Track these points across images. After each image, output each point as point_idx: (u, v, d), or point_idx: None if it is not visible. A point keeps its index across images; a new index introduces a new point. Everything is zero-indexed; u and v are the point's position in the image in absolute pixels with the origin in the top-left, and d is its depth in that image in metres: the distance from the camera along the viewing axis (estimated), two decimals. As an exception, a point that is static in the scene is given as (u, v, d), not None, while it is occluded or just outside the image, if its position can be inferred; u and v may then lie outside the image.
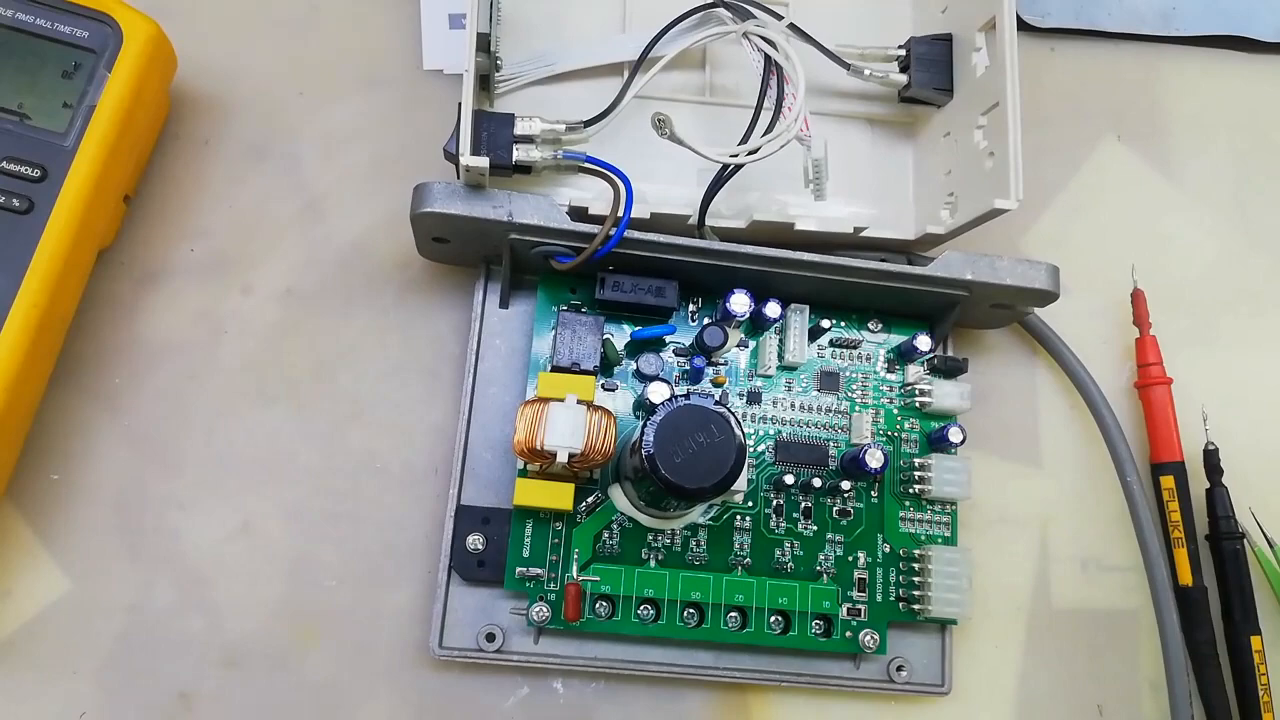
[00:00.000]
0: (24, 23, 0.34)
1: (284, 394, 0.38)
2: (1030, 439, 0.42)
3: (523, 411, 0.32)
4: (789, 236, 0.37)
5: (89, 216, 0.34)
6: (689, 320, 0.38)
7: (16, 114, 0.33)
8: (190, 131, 0.40)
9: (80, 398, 0.37)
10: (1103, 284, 0.43)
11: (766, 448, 0.37)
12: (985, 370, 0.42)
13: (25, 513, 0.36)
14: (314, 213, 0.40)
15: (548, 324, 0.37)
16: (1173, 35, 0.46)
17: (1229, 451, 0.41)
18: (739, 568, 0.36)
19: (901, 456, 0.38)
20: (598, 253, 0.33)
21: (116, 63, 0.34)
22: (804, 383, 0.38)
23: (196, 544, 0.36)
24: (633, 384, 0.37)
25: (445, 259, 0.38)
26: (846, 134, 0.41)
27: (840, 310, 0.38)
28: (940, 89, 0.38)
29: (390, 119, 0.41)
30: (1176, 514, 0.40)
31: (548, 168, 0.35)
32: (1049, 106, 0.45)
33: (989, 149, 0.36)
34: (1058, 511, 0.41)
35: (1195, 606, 0.39)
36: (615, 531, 0.36)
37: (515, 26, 0.39)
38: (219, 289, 0.39)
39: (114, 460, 0.36)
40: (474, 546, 0.35)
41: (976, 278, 0.35)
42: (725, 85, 0.40)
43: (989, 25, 0.36)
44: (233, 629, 0.35)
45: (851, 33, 0.40)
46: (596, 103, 0.36)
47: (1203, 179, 0.46)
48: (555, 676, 0.37)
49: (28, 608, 0.35)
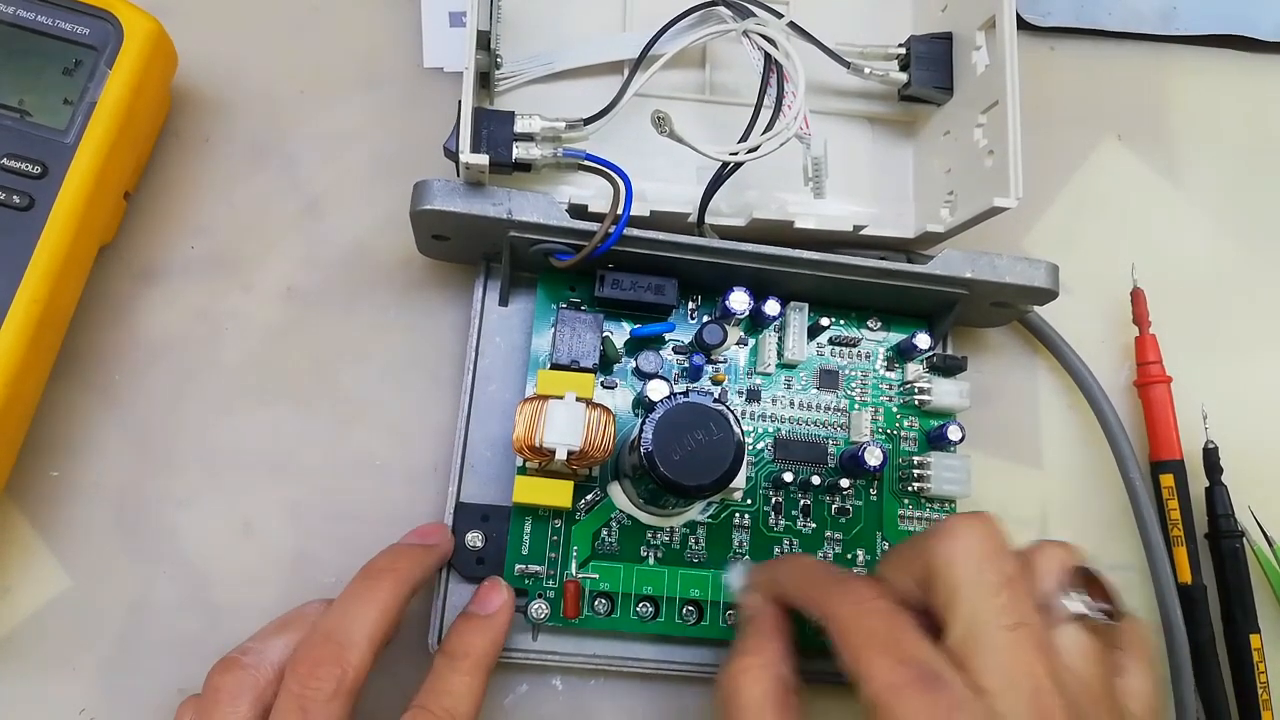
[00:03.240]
0: (25, 20, 0.34)
1: (284, 392, 0.38)
2: (1030, 437, 0.42)
3: (522, 409, 0.32)
4: (788, 234, 0.37)
5: (89, 213, 0.34)
6: (688, 318, 0.38)
7: (17, 111, 0.34)
8: (191, 129, 0.40)
9: (80, 394, 0.37)
10: (1103, 283, 0.43)
11: (766, 445, 0.37)
12: (985, 368, 0.42)
13: (25, 509, 0.36)
14: (314, 210, 0.40)
15: (547, 321, 0.37)
16: (1173, 35, 0.46)
17: (1228, 450, 0.41)
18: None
19: (901, 454, 0.38)
20: (597, 250, 0.33)
21: (117, 60, 0.34)
22: (803, 380, 0.38)
23: (197, 541, 0.36)
24: (632, 381, 0.37)
25: (445, 257, 0.38)
26: (846, 132, 0.41)
27: (840, 308, 0.38)
28: (940, 87, 0.39)
29: (390, 117, 0.41)
30: (1176, 512, 0.40)
31: (547, 165, 0.35)
32: (1049, 106, 0.45)
33: (989, 147, 0.36)
34: (1057, 510, 0.41)
35: (1194, 605, 0.39)
36: (614, 529, 0.36)
37: (515, 24, 0.39)
38: (219, 286, 0.39)
39: (114, 457, 0.37)
40: (473, 544, 0.35)
41: (976, 276, 0.35)
42: (725, 83, 0.40)
43: (989, 24, 0.36)
44: (232, 627, 0.35)
45: (851, 31, 0.40)
46: (596, 101, 0.36)
47: (1203, 178, 0.46)
48: (554, 674, 0.37)
49: (27, 604, 0.35)
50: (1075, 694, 0.25)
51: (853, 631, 0.27)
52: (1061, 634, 0.26)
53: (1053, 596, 0.27)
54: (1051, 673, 0.25)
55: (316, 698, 0.28)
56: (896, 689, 0.25)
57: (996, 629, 0.25)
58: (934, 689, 0.25)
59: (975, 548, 0.27)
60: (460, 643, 0.32)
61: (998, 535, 0.27)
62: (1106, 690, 0.26)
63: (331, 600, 0.31)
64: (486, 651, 0.32)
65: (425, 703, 0.30)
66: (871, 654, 0.26)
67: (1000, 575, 0.26)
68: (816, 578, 0.30)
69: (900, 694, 0.25)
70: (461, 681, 0.31)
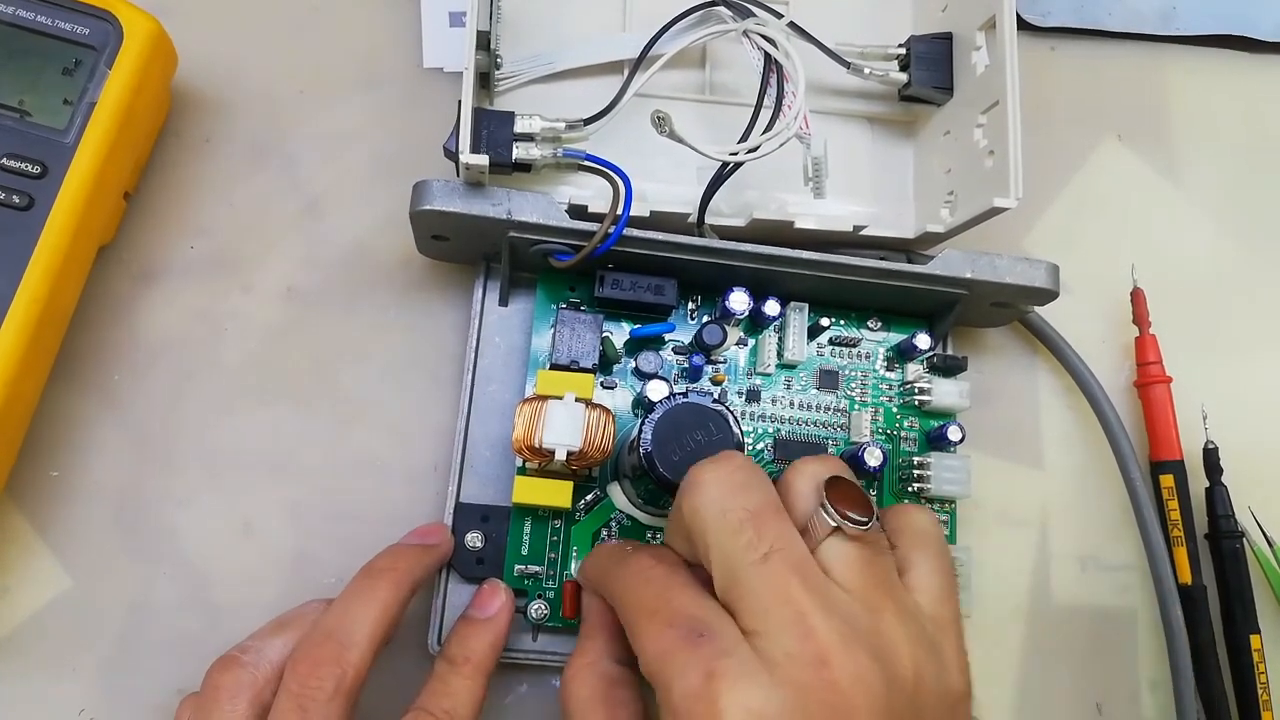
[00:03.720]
0: (25, 19, 0.34)
1: (284, 392, 0.38)
2: (1030, 437, 0.42)
3: (521, 409, 0.32)
4: (788, 235, 0.37)
5: (89, 213, 0.34)
6: (688, 318, 0.38)
7: (17, 110, 0.34)
8: (191, 129, 0.40)
9: (80, 395, 0.37)
10: (1103, 283, 0.43)
11: (765, 446, 0.37)
12: (985, 369, 0.42)
13: (25, 509, 0.36)
14: (314, 210, 0.40)
15: (547, 322, 0.37)
16: (1173, 35, 0.46)
17: (1229, 450, 0.41)
18: (738, 566, 0.36)
19: (901, 455, 0.38)
20: (597, 250, 0.33)
21: (117, 60, 0.34)
22: (803, 381, 0.38)
23: (197, 541, 0.36)
24: (631, 382, 0.37)
25: (445, 257, 0.38)
26: (846, 132, 0.41)
27: (840, 308, 0.38)
28: (940, 88, 0.38)
29: (390, 117, 0.41)
30: (1176, 513, 0.40)
31: (547, 166, 0.35)
32: (1049, 106, 0.45)
33: (989, 148, 0.36)
34: (1057, 510, 0.41)
35: (1194, 605, 0.39)
36: (614, 529, 0.36)
37: (515, 24, 0.39)
38: (219, 287, 0.39)
39: (114, 457, 0.37)
40: (473, 544, 0.35)
41: (976, 276, 0.35)
42: (725, 83, 0.40)
43: (989, 24, 0.36)
44: (232, 627, 0.35)
45: (851, 31, 0.40)
46: (596, 101, 0.36)
47: (1203, 179, 0.46)
48: (554, 674, 0.36)
49: (27, 605, 0.35)
50: (847, 607, 0.25)
51: (628, 607, 0.27)
52: (826, 550, 0.26)
53: (810, 515, 0.26)
54: (813, 593, 0.24)
55: (316, 697, 0.28)
56: (667, 654, 0.24)
57: (747, 565, 0.25)
58: (699, 644, 0.24)
59: (715, 491, 0.26)
60: (460, 646, 0.32)
61: (739, 471, 0.27)
62: (887, 594, 0.26)
63: (331, 600, 0.31)
64: (486, 655, 0.32)
65: (425, 704, 0.30)
66: (642, 623, 0.26)
67: (743, 511, 0.25)
68: (602, 563, 0.30)
69: (670, 658, 0.24)
70: (462, 684, 0.31)
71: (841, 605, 0.25)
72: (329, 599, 0.31)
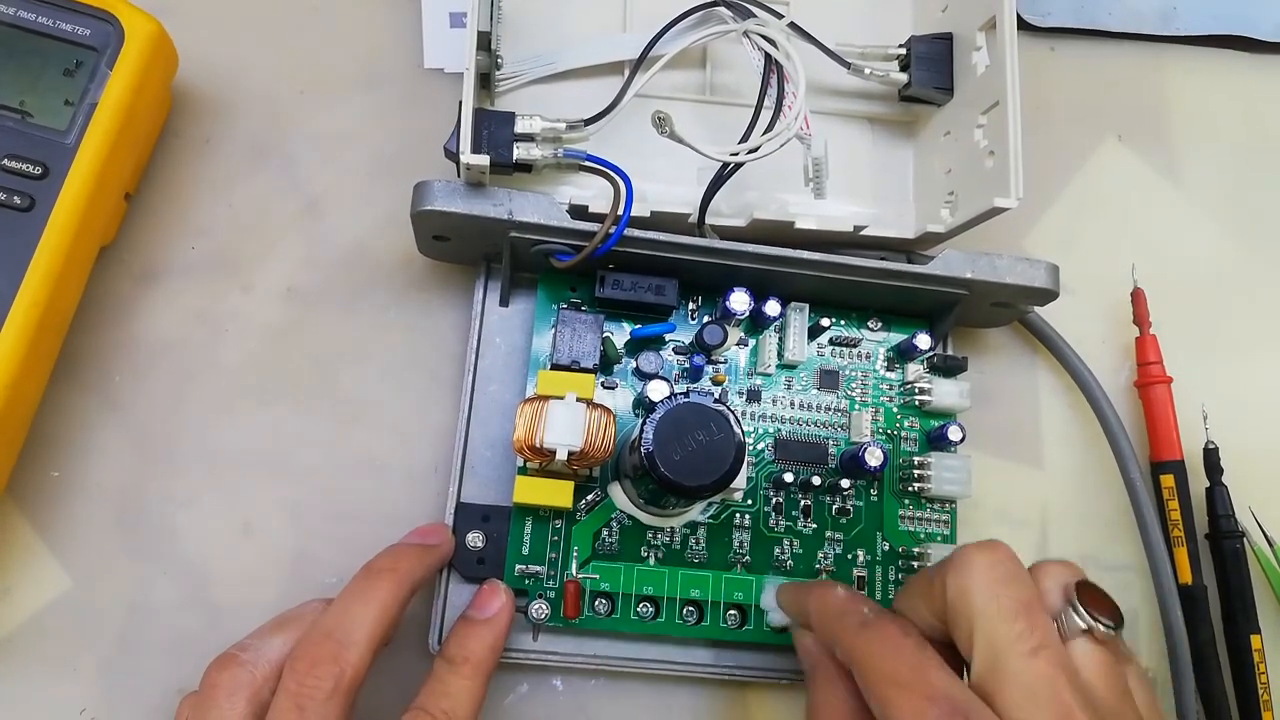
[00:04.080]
0: (26, 20, 0.34)
1: (284, 392, 0.38)
2: (1030, 437, 0.42)
3: (522, 409, 0.32)
4: (789, 235, 0.37)
5: (90, 214, 0.34)
6: (689, 318, 0.38)
7: (18, 111, 0.34)
8: (191, 130, 0.40)
9: (81, 395, 0.37)
10: (1103, 283, 0.43)
11: (766, 446, 0.37)
12: (985, 369, 0.42)
13: (26, 510, 0.36)
14: (314, 210, 0.40)
15: (547, 322, 0.37)
16: (1173, 35, 0.46)
17: (1229, 450, 0.41)
18: (738, 566, 0.36)
19: (901, 455, 0.38)
20: (598, 251, 0.33)
21: (118, 61, 0.34)
22: (803, 381, 0.38)
23: (197, 541, 0.36)
24: (632, 382, 0.37)
25: (445, 257, 0.38)
26: (846, 133, 0.41)
27: (840, 309, 0.38)
28: (940, 88, 0.39)
29: (390, 118, 0.41)
30: (1176, 513, 0.40)
31: (548, 166, 0.35)
32: (1049, 106, 0.45)
33: (989, 148, 0.36)
34: (1057, 510, 0.41)
35: (1195, 605, 0.39)
36: (615, 529, 0.36)
37: (516, 25, 0.39)
38: (219, 287, 0.39)
39: (114, 458, 0.37)
40: (474, 544, 0.35)
41: (977, 276, 0.35)
42: (725, 84, 0.40)
43: (989, 24, 0.36)
44: (232, 627, 0.35)
45: (852, 31, 0.40)
46: (597, 101, 0.36)
47: (1203, 179, 0.46)
48: (555, 674, 0.37)
49: (28, 605, 0.35)
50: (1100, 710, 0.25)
51: (878, 673, 0.27)
52: (1074, 650, 0.26)
53: (1061, 614, 0.27)
54: (1078, 693, 0.25)
55: (314, 696, 0.28)
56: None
57: (1017, 656, 0.25)
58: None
59: (988, 576, 0.27)
60: (460, 647, 0.32)
61: (1009, 561, 0.27)
62: (1128, 702, 0.26)
63: (331, 599, 0.31)
64: (486, 655, 0.32)
65: (425, 704, 0.30)
66: (894, 694, 0.26)
67: (1015, 601, 0.26)
68: (845, 621, 0.30)
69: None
70: (461, 684, 0.31)
71: (1099, 708, 0.25)
72: (329, 598, 0.31)
